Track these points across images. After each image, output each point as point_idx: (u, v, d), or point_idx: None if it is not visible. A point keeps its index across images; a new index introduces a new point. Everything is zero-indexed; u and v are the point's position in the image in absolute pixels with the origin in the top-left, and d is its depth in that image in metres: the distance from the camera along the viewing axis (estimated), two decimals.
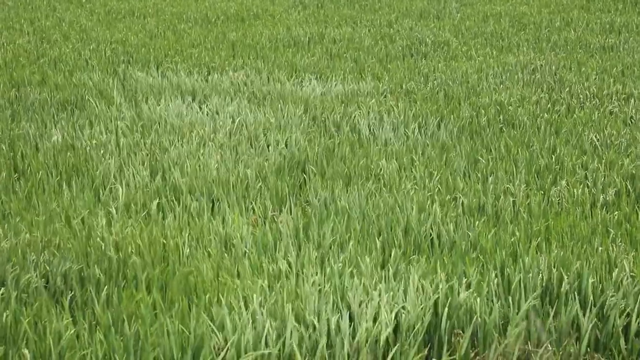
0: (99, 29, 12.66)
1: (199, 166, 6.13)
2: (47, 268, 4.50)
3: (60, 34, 12.19)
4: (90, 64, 9.92)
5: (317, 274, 4.33)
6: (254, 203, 5.45)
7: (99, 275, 4.42)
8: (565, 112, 7.51)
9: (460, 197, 5.45)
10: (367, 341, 3.83)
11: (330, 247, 4.73)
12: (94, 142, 6.79)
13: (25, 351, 3.70)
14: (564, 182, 5.68)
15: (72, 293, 4.31)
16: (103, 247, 4.69)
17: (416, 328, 3.89)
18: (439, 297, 4.05)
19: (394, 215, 5.13)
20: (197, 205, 5.43)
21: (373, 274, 4.34)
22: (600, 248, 4.59)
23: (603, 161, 6.07)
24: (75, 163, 6.28)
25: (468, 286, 4.19)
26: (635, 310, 4.06)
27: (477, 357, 3.94)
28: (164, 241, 4.80)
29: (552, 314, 4.04)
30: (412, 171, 5.98)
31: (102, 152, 6.55)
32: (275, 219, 5.20)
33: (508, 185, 5.63)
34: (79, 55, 10.51)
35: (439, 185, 5.65)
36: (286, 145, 6.70)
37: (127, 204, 5.46)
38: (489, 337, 3.96)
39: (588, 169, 5.96)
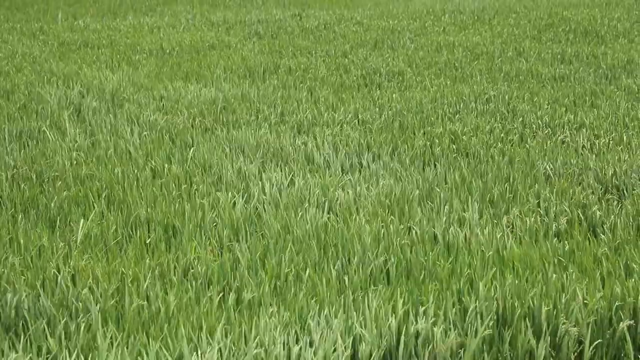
0: (52, 60, 12.62)
1: (155, 196, 6.13)
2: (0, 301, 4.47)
3: (12, 65, 12.13)
4: (44, 95, 9.87)
5: (275, 304, 4.35)
6: (210, 233, 5.46)
7: (53, 308, 4.39)
8: (518, 142, 7.60)
9: (414, 226, 5.49)
10: None
11: (287, 277, 4.75)
12: (49, 173, 6.76)
13: None
14: (517, 211, 5.75)
15: (25, 326, 4.28)
16: (59, 279, 4.67)
17: (373, 356, 3.92)
18: (397, 325, 4.08)
19: (351, 245, 5.16)
20: (155, 236, 5.43)
21: (332, 302, 4.36)
22: (553, 276, 4.65)
23: (555, 190, 6.15)
24: (30, 195, 6.24)
25: (424, 314, 4.22)
26: (588, 337, 4.12)
27: None
28: (123, 270, 4.79)
29: (507, 341, 4.09)
30: (368, 199, 6.02)
31: (59, 183, 6.53)
32: (231, 249, 5.21)
33: (463, 214, 5.69)
34: (32, 86, 10.47)
35: (392, 217, 5.69)
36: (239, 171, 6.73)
37: (85, 235, 5.44)
38: None
39: (540, 198, 6.03)
